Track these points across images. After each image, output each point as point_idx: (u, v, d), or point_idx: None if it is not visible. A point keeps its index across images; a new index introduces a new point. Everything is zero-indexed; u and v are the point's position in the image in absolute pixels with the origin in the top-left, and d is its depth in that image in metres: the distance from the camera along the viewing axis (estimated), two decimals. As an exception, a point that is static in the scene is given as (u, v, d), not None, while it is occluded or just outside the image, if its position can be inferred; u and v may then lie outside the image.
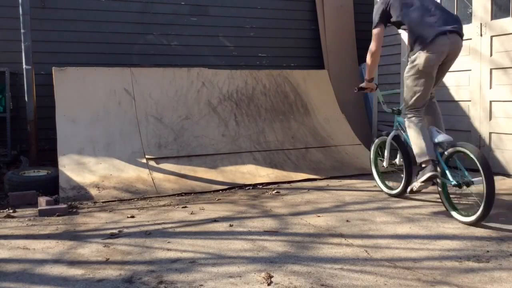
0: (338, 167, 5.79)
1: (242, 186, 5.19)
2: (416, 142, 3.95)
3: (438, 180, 3.89)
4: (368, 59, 4.22)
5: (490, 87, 5.59)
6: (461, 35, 3.92)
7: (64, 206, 4.27)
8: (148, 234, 3.55)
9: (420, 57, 3.84)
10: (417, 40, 3.87)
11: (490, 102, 5.59)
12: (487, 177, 3.53)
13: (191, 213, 4.14)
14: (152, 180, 5.06)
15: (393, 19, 4.08)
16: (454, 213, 3.80)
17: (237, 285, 2.60)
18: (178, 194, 4.87)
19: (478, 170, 3.60)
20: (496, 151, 5.57)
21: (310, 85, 6.75)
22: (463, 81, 5.93)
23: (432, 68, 3.87)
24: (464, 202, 4.12)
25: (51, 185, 4.89)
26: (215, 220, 3.90)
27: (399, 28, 4.19)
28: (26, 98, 5.66)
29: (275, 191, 4.95)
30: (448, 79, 6.13)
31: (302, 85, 6.71)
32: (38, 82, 5.94)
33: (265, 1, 7.48)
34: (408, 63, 4.00)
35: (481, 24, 5.62)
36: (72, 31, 6.51)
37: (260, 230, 3.62)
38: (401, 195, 4.53)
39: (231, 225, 3.74)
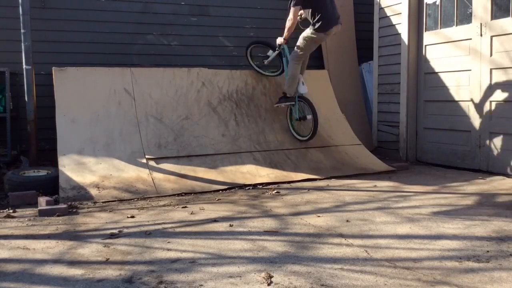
0: (338, 167, 5.79)
1: (242, 186, 5.19)
2: (290, 78, 5.92)
3: (292, 112, 6.07)
4: (288, 25, 5.79)
5: (490, 87, 5.59)
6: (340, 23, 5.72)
7: (64, 206, 4.26)
8: (148, 234, 3.55)
9: (315, 29, 5.61)
10: (315, 22, 5.58)
11: (490, 102, 5.60)
12: (313, 114, 5.80)
13: (191, 213, 4.14)
14: (152, 180, 5.05)
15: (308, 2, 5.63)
16: (295, 133, 6.05)
17: (237, 285, 2.60)
18: (178, 194, 4.87)
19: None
20: (496, 151, 5.57)
21: (310, 85, 6.72)
22: (463, 81, 5.93)
23: (319, 39, 5.84)
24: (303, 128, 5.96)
25: (51, 185, 4.88)
26: (215, 220, 3.90)
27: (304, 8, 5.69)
28: (26, 98, 5.66)
29: (275, 191, 4.95)
30: (448, 79, 6.14)
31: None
32: (38, 82, 5.94)
33: (265, 1, 7.48)
34: (308, 29, 5.71)
35: (481, 24, 5.63)
36: (72, 31, 6.51)
37: (260, 230, 3.62)
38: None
39: (231, 225, 3.74)
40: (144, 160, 5.28)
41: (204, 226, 3.76)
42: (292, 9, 5.65)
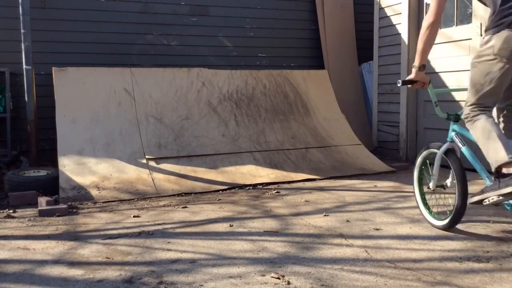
0: (338, 167, 5.79)
1: (242, 186, 5.18)
2: (486, 142, 3.00)
3: None
4: (424, 34, 3.15)
5: (490, 87, 5.58)
6: None
7: (64, 206, 4.26)
8: (148, 234, 3.55)
9: (492, 42, 2.93)
10: (492, 22, 2.98)
11: (490, 102, 5.59)
12: None
13: (191, 214, 4.14)
14: (152, 180, 5.05)
15: None
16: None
17: (237, 286, 2.59)
18: (178, 194, 4.87)
19: None
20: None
21: (310, 85, 6.75)
22: (464, 81, 5.93)
23: (507, 61, 2.91)
24: None
25: (51, 185, 4.88)
26: (215, 221, 3.89)
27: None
28: (26, 98, 5.66)
29: (276, 191, 4.95)
30: (448, 79, 6.13)
31: (302, 85, 6.71)
32: (38, 82, 5.94)
33: (265, 1, 7.48)
34: (479, 46, 3.10)
35: (481, 24, 5.62)
36: (72, 31, 6.51)
37: (260, 230, 3.62)
38: (451, 227, 3.44)
39: (231, 226, 3.74)
40: (144, 160, 5.28)
41: (204, 226, 3.76)
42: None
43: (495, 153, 2.91)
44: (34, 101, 5.70)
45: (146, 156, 5.32)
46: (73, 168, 4.98)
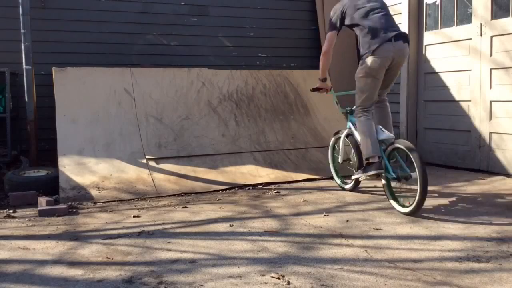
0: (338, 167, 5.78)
1: (242, 186, 5.18)
2: (363, 139, 4.24)
3: (383, 174, 4.13)
4: (321, 59, 4.49)
5: (490, 87, 5.59)
6: (407, 40, 4.18)
7: (64, 206, 4.26)
8: (148, 234, 3.55)
9: (368, 60, 4.16)
10: (366, 45, 4.17)
11: (490, 102, 5.59)
12: (420, 170, 3.74)
13: (191, 214, 4.14)
14: (152, 180, 5.05)
15: (347, 22, 4.40)
16: (394, 204, 4.08)
17: (237, 286, 2.60)
18: (178, 194, 4.87)
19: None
20: (496, 151, 5.56)
21: (310, 85, 6.70)
22: (463, 81, 5.93)
23: (378, 72, 4.18)
24: (408, 195, 4.11)
25: (51, 185, 4.88)
26: (215, 221, 3.89)
27: (351, 29, 4.49)
28: (26, 98, 5.66)
29: (276, 191, 4.95)
30: (448, 79, 6.14)
31: (302, 85, 6.71)
32: (38, 82, 5.94)
33: (265, 1, 7.48)
34: (359, 64, 4.30)
35: (481, 24, 5.62)
36: (72, 31, 6.51)
37: (260, 230, 3.62)
38: (354, 189, 4.85)
39: (231, 226, 3.74)
40: (144, 160, 5.28)
41: (204, 226, 3.76)
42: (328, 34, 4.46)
43: (365, 149, 4.20)
44: (34, 101, 5.71)
45: (146, 156, 5.33)
46: (73, 168, 4.98)
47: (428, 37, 6.42)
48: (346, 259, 2.98)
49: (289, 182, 5.37)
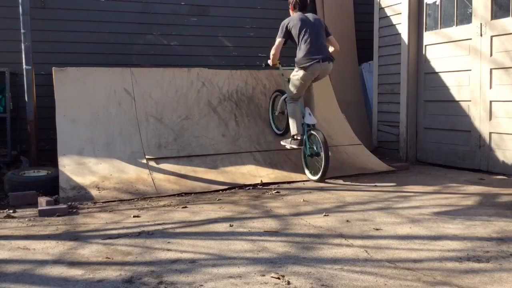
0: (338, 167, 5.78)
1: (242, 186, 5.18)
2: (291, 120, 5.47)
3: (302, 148, 5.52)
4: (271, 55, 5.52)
5: (490, 87, 5.59)
6: (331, 61, 5.39)
7: (64, 206, 4.26)
8: (148, 234, 3.55)
9: (300, 72, 5.34)
10: (301, 60, 5.29)
11: (490, 102, 5.59)
12: (324, 150, 5.22)
13: (191, 214, 4.14)
14: (152, 180, 5.05)
15: (292, 37, 5.38)
16: (307, 172, 5.50)
17: (237, 286, 2.59)
18: (178, 195, 4.87)
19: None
20: (496, 151, 5.57)
21: (310, 85, 6.74)
22: (463, 81, 5.93)
23: (306, 81, 5.42)
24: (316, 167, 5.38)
25: (51, 185, 4.88)
26: (215, 221, 3.89)
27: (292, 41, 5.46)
28: (26, 98, 5.66)
29: (276, 191, 4.95)
30: (448, 79, 6.14)
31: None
32: (38, 82, 5.94)
33: (265, 1, 7.48)
34: (295, 69, 5.43)
35: (481, 24, 5.62)
36: (72, 31, 6.51)
37: (260, 230, 3.62)
38: (283, 135, 5.87)
39: (231, 226, 3.74)
40: (144, 160, 5.28)
41: (204, 226, 3.76)
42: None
43: (292, 128, 5.46)
44: (34, 101, 5.71)
45: (146, 156, 5.32)
46: (73, 168, 4.98)
47: (428, 37, 6.42)
48: (346, 259, 2.98)
49: (289, 182, 5.37)
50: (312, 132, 5.42)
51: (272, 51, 5.50)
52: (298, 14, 5.40)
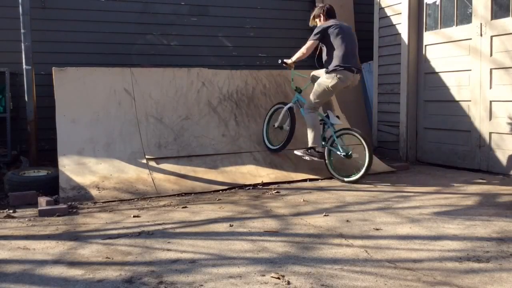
0: (338, 167, 5.77)
1: (242, 186, 5.18)
2: (310, 130, 5.34)
3: (325, 155, 5.41)
4: (301, 53, 5.42)
5: (490, 87, 5.59)
6: (360, 72, 5.38)
7: (64, 206, 4.26)
8: (148, 234, 3.55)
9: (332, 79, 5.16)
10: (337, 67, 5.13)
11: (490, 102, 5.59)
12: (368, 150, 5.16)
13: (191, 214, 4.14)
14: (152, 180, 5.05)
15: (330, 40, 5.22)
16: (337, 175, 5.35)
17: (237, 286, 2.60)
18: (178, 195, 4.87)
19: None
20: (496, 151, 5.56)
21: (311, 85, 6.73)
22: (463, 81, 5.93)
23: (335, 90, 5.29)
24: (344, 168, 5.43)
25: (51, 185, 4.88)
26: (215, 221, 3.89)
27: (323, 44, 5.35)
28: (26, 98, 5.66)
29: (276, 191, 4.95)
30: (449, 79, 6.14)
31: (302, 85, 6.68)
32: (38, 82, 5.94)
33: (265, 1, 7.48)
34: (325, 76, 5.24)
35: (481, 24, 5.62)
36: (72, 31, 6.51)
37: (260, 230, 3.62)
38: (279, 151, 5.74)
39: (231, 226, 3.74)
40: (144, 160, 5.28)
41: (205, 226, 3.76)
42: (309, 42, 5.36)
43: (312, 138, 5.32)
44: (34, 101, 5.70)
45: (146, 156, 5.32)
46: (73, 168, 4.98)
47: (428, 37, 6.42)
48: (346, 259, 2.98)
49: (289, 182, 5.37)
50: (349, 132, 5.34)
51: (303, 50, 5.38)
52: (334, 21, 5.34)
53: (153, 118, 5.69)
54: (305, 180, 5.43)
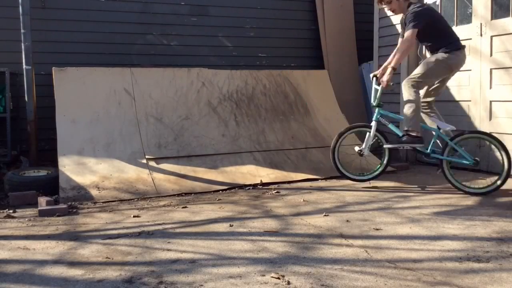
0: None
1: (242, 186, 5.18)
2: (408, 110, 4.71)
3: (444, 163, 4.81)
4: (403, 50, 4.73)
5: (490, 87, 5.59)
6: None
7: (64, 206, 4.26)
8: (148, 234, 3.55)
9: (451, 55, 4.62)
10: (456, 42, 4.67)
11: (490, 102, 5.59)
12: (507, 155, 4.68)
13: (191, 214, 4.14)
14: (152, 180, 5.05)
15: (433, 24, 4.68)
16: (460, 186, 4.74)
17: (237, 286, 2.60)
18: (178, 195, 4.87)
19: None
20: (496, 151, 5.56)
21: (310, 85, 6.75)
22: (463, 81, 5.93)
23: (448, 69, 4.70)
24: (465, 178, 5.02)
25: (51, 185, 4.88)
26: (215, 221, 3.89)
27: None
28: (26, 98, 5.66)
29: (276, 191, 4.95)
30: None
31: (302, 85, 6.70)
32: (38, 82, 5.94)
33: (265, 1, 7.48)
34: (441, 53, 4.66)
35: (481, 24, 5.62)
36: (72, 31, 6.51)
37: (260, 230, 3.62)
38: (374, 178, 5.20)
39: (231, 226, 3.74)
40: (144, 160, 5.28)
41: (205, 226, 3.76)
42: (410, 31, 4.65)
43: (409, 120, 4.71)
44: (34, 101, 5.70)
45: (146, 156, 5.32)
46: (73, 168, 4.98)
47: (428, 37, 6.41)
48: (346, 259, 2.98)
49: (289, 182, 5.37)
50: (474, 135, 4.89)
51: (406, 43, 4.67)
52: (421, 1, 4.84)
53: (153, 118, 5.69)
54: (305, 180, 5.43)
